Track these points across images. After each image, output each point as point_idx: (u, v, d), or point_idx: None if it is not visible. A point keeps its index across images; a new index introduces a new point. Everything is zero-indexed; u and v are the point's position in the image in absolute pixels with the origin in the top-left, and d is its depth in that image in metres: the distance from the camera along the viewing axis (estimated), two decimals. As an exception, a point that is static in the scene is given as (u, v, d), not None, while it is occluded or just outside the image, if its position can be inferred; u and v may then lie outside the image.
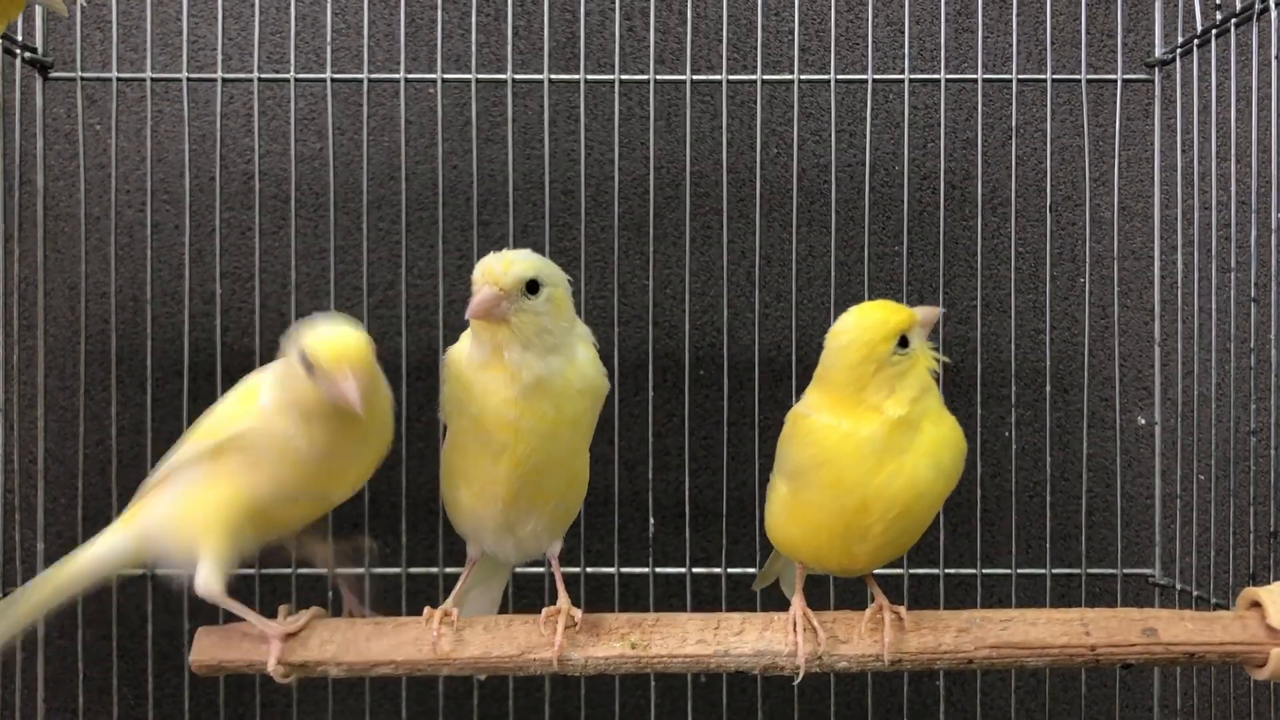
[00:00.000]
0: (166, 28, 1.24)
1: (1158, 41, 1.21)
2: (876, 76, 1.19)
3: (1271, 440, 1.04)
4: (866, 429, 0.84)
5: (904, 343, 0.85)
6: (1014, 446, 1.22)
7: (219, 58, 1.16)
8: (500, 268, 0.83)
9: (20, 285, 1.18)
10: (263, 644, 0.89)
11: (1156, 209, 1.22)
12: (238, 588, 1.20)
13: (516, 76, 1.17)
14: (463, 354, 0.88)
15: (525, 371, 0.84)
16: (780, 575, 1.09)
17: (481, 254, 1.21)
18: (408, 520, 1.16)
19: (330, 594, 1.17)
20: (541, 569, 1.05)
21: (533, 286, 0.84)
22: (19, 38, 1.12)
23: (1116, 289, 1.22)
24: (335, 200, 1.18)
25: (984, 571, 1.21)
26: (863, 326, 0.85)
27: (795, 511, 0.89)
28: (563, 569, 1.04)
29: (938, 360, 0.88)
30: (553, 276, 0.86)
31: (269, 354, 0.90)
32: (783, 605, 0.98)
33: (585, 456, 0.93)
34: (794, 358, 1.18)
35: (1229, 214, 1.11)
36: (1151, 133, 1.23)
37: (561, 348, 0.86)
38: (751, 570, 1.20)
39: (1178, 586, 1.17)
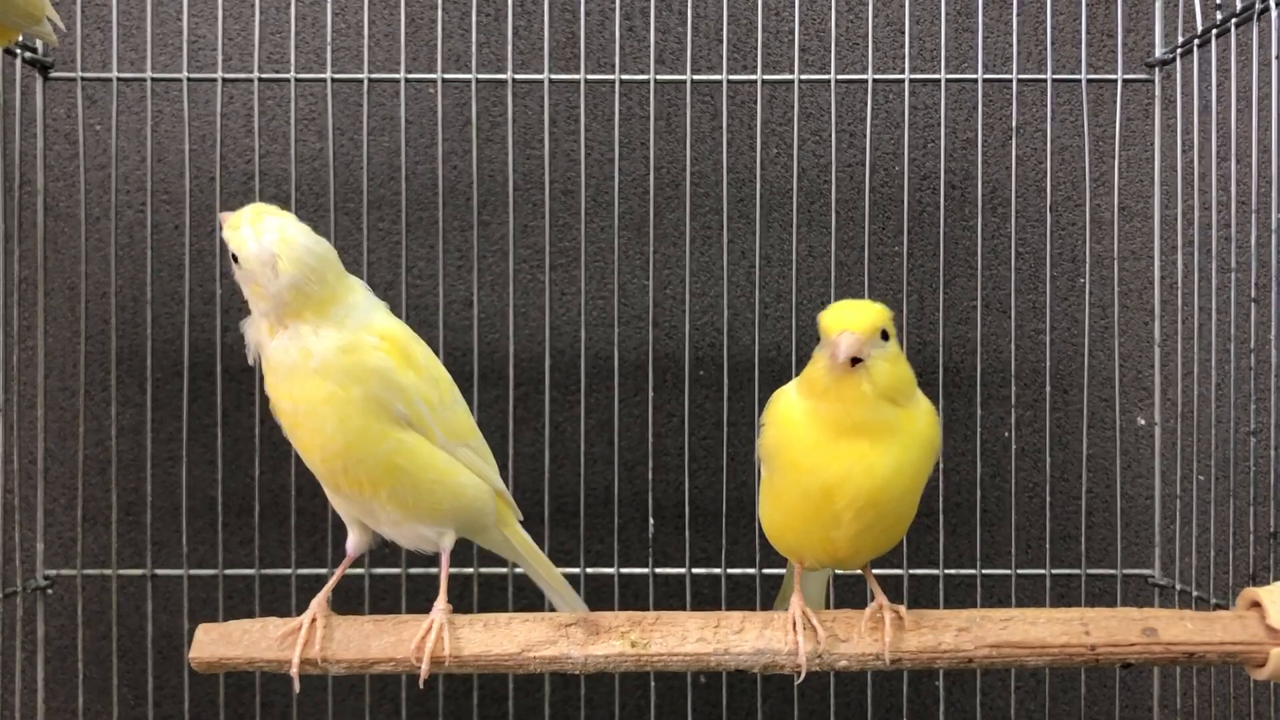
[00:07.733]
0: (166, 28, 1.24)
1: (1158, 41, 1.21)
2: (876, 76, 1.19)
3: (1271, 440, 1.04)
4: (828, 412, 0.84)
5: (884, 335, 0.84)
6: (1014, 446, 1.22)
7: (219, 58, 1.16)
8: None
9: (20, 285, 1.18)
10: (261, 641, 0.89)
11: (1156, 209, 1.22)
12: (237, 587, 1.21)
13: (516, 76, 1.17)
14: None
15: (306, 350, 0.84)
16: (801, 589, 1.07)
17: (482, 254, 1.23)
18: (407, 520, 1.16)
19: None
20: (559, 570, 1.04)
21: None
22: (19, 38, 1.12)
23: (1116, 289, 1.22)
24: (335, 200, 1.18)
25: (984, 572, 1.21)
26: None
27: (771, 495, 0.90)
28: (562, 570, 1.05)
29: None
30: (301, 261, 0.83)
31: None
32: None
33: (410, 435, 0.88)
34: (794, 358, 1.18)
35: (1229, 214, 1.11)
36: (1151, 133, 1.23)
37: (343, 320, 0.85)
38: (751, 570, 1.20)
39: (1177, 587, 1.17)
